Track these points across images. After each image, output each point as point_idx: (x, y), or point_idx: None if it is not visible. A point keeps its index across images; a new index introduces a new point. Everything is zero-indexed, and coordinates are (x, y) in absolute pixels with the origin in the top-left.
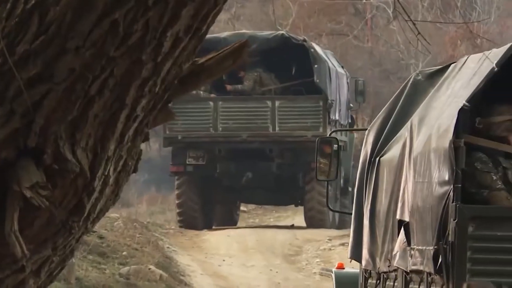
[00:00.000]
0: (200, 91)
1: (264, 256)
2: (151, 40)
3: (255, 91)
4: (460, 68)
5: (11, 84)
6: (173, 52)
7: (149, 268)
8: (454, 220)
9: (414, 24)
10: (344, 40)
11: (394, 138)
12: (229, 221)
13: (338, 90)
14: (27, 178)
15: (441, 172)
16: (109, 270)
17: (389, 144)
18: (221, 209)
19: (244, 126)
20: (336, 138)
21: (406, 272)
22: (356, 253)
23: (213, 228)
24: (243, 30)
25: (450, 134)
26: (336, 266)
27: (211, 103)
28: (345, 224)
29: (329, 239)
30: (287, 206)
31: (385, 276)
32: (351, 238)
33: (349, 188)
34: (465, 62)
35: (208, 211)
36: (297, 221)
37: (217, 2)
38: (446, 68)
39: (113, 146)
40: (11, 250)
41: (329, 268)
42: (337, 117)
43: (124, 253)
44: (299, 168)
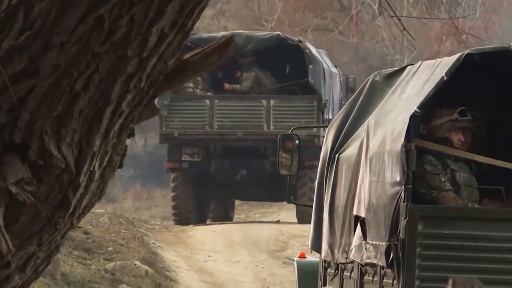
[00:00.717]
0: (197, 90)
1: (249, 252)
2: (137, 36)
3: (253, 91)
4: (414, 74)
5: None
6: (158, 47)
7: (135, 264)
8: (405, 218)
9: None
10: (330, 35)
11: (352, 137)
12: (225, 218)
13: (332, 90)
14: (13, 174)
15: (393, 173)
16: (94, 265)
17: (348, 142)
18: (217, 205)
19: (239, 124)
20: (298, 135)
21: (361, 265)
22: (316, 245)
23: (197, 224)
24: (239, 30)
25: (402, 138)
26: (298, 255)
27: (207, 101)
28: None
29: None
30: (273, 202)
31: (342, 267)
32: (311, 230)
33: None
34: (419, 68)
35: (202, 207)
36: (283, 217)
37: None
38: (402, 70)
39: (98, 141)
40: None
41: (292, 257)
42: (330, 116)
43: (109, 248)
44: None
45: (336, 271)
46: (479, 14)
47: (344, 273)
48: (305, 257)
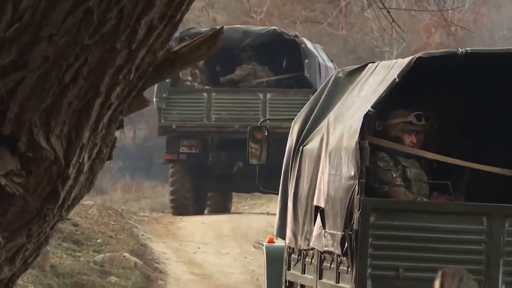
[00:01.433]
0: (195, 83)
1: (238, 244)
2: (125, 28)
3: (248, 82)
4: (372, 73)
5: None
6: (147, 39)
7: (124, 256)
8: (358, 210)
9: (388, 11)
10: (319, 27)
11: (315, 130)
12: (223, 209)
13: None
14: (2, 166)
15: (349, 168)
16: (83, 257)
17: (311, 135)
18: (215, 197)
19: (236, 117)
20: (266, 126)
21: (321, 252)
22: (281, 232)
23: (186, 215)
24: (237, 25)
25: (357, 135)
26: (267, 240)
27: (205, 94)
28: None
29: None
30: (262, 194)
31: (304, 253)
32: (277, 218)
33: None
34: (376, 68)
35: (200, 198)
36: (272, 209)
37: None
38: (363, 67)
39: (87, 133)
40: None
41: (261, 241)
42: None
43: (98, 240)
44: None
45: (299, 257)
46: (468, 6)
47: (306, 259)
48: (274, 242)
